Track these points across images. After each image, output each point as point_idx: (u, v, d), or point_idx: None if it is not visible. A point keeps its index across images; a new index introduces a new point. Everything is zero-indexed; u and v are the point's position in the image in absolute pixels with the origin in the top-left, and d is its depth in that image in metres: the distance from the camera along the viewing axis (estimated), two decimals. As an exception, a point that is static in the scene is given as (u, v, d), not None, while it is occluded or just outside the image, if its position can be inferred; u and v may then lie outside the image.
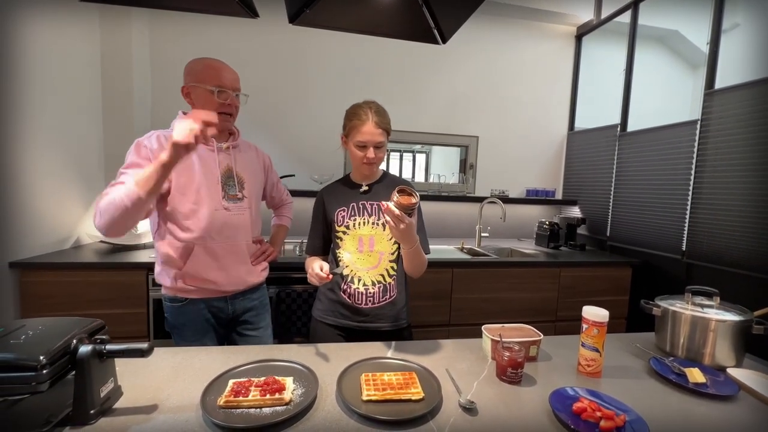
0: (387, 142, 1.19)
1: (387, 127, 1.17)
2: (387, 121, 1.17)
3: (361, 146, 1.16)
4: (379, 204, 1.20)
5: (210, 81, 1.16)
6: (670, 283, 2.17)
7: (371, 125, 1.13)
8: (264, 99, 2.51)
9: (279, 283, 1.86)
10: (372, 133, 1.14)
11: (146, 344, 0.74)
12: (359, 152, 1.17)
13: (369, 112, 1.15)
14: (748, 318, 1.01)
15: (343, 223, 1.20)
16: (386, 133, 1.17)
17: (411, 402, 0.79)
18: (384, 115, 1.17)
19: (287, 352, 1.02)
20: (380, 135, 1.15)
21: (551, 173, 3.09)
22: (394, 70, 2.70)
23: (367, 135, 1.14)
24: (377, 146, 1.16)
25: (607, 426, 0.72)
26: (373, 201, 1.22)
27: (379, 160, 1.19)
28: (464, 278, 2.08)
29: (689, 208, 2.03)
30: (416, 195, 0.98)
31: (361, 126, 1.14)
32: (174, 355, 0.98)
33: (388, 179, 1.29)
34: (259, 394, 0.76)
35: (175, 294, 1.20)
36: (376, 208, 1.21)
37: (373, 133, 1.14)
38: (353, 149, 1.18)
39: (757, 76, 1.74)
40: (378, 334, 1.20)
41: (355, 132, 1.15)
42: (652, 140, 2.29)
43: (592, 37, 2.92)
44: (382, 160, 1.21)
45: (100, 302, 1.68)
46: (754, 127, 1.74)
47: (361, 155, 1.17)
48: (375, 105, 1.18)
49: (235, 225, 1.23)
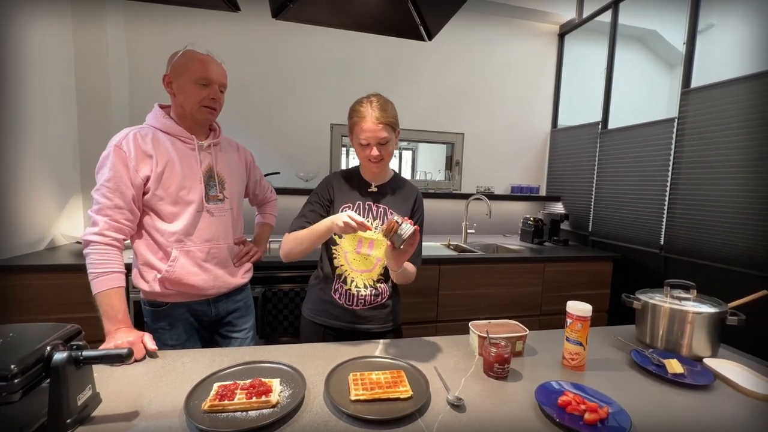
0: (395, 137, 1.14)
1: (391, 121, 1.10)
2: (390, 115, 1.10)
3: (363, 144, 1.11)
4: (385, 208, 1.18)
5: (195, 73, 1.10)
6: (649, 276, 2.24)
7: (372, 121, 1.07)
8: (247, 95, 2.46)
9: (265, 283, 1.83)
10: (373, 130, 1.07)
11: (125, 349, 0.71)
12: (362, 151, 1.12)
13: (369, 107, 1.08)
14: (724, 310, 1.04)
15: None
16: (391, 128, 1.10)
17: (399, 400, 0.79)
18: (386, 109, 1.09)
19: (274, 353, 1.01)
20: (382, 131, 1.08)
21: (535, 170, 3.14)
22: (380, 66, 2.68)
23: (368, 132, 1.08)
24: (381, 143, 1.10)
25: (591, 418, 0.74)
26: (380, 204, 1.19)
27: (386, 158, 1.13)
28: (451, 275, 2.09)
29: (667, 203, 2.10)
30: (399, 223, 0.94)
31: (362, 123, 1.08)
32: (156, 360, 0.95)
33: (398, 183, 1.25)
34: (245, 397, 0.74)
35: (154, 298, 1.15)
36: (382, 211, 1.18)
37: (374, 130, 1.07)
38: (357, 147, 1.14)
39: (731, 75, 1.80)
40: (368, 335, 1.19)
41: (357, 129, 1.10)
42: (631, 138, 2.35)
43: (575, 35, 2.97)
44: (390, 157, 1.15)
45: (77, 305, 1.62)
46: (727, 124, 1.80)
47: (365, 153, 1.12)
48: (377, 98, 1.11)
49: (216, 227, 1.19)
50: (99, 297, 1.00)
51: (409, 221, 0.94)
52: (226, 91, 1.21)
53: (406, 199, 1.22)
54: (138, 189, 1.07)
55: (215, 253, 1.20)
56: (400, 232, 0.92)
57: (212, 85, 1.13)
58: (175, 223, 1.12)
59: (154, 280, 1.12)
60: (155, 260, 1.12)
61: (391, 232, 0.93)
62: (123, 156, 1.05)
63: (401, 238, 0.92)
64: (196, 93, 1.11)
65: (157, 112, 1.16)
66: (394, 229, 0.92)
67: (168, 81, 1.13)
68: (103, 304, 1.00)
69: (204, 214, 1.17)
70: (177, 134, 1.14)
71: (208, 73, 1.11)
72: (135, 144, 1.07)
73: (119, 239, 1.06)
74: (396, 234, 0.92)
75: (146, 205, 1.11)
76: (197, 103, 1.12)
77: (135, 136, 1.08)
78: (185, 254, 1.14)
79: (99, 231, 1.02)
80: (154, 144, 1.10)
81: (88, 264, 1.02)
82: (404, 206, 1.21)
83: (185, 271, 1.13)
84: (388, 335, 1.23)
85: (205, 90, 1.11)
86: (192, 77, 1.10)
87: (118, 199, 1.04)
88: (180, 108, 1.14)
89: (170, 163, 1.11)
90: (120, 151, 1.05)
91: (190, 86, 1.10)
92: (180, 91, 1.12)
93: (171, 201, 1.11)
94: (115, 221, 1.05)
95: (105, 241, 1.03)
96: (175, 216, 1.12)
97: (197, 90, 1.11)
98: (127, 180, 1.05)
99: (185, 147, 1.16)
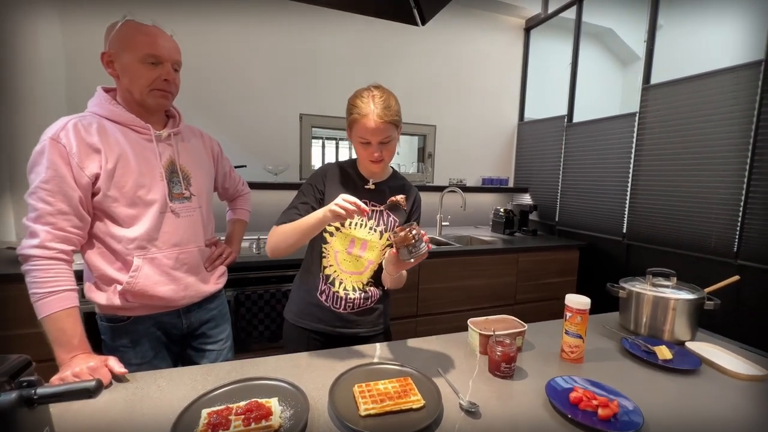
0: (398, 135, 1.04)
1: (394, 119, 0.99)
2: (394, 112, 0.99)
3: (364, 143, 1.01)
4: (381, 208, 1.10)
5: (141, 49, 0.92)
6: (613, 262, 2.37)
7: (373, 119, 0.96)
8: (208, 81, 2.25)
9: (236, 286, 1.69)
10: (374, 129, 0.97)
11: (93, 381, 0.59)
12: (363, 150, 1.02)
13: (371, 102, 0.98)
14: (702, 296, 1.10)
15: None
16: (394, 126, 1.01)
17: (412, 411, 0.74)
18: (390, 105, 0.99)
19: (263, 366, 0.91)
20: (385, 130, 0.98)
21: (504, 162, 3.20)
22: (350, 56, 2.57)
23: (369, 132, 0.97)
24: (383, 142, 1.00)
25: (604, 414, 0.74)
26: (377, 202, 1.10)
27: (387, 158, 1.04)
28: (431, 269, 2.07)
29: (629, 193, 2.22)
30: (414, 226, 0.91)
31: (362, 120, 0.97)
32: (125, 384, 0.82)
33: (396, 181, 1.17)
34: (242, 424, 0.65)
35: (113, 312, 0.99)
36: (378, 212, 1.10)
37: (375, 130, 0.97)
38: (356, 144, 1.04)
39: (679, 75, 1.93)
40: (356, 339, 1.12)
41: (357, 127, 0.99)
42: (596, 131, 2.45)
43: (540, 30, 3.03)
44: (391, 157, 1.06)
45: (18, 321, 1.39)
46: (683, 119, 1.93)
47: (366, 153, 1.02)
48: (379, 92, 1.00)
49: (184, 229, 1.04)
50: (46, 321, 0.83)
51: (425, 238, 0.90)
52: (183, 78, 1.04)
53: (406, 199, 1.16)
54: (85, 190, 0.90)
55: (185, 259, 1.06)
56: (412, 249, 0.88)
57: (163, 63, 0.95)
58: (134, 228, 0.96)
59: (113, 293, 0.96)
60: (113, 271, 0.96)
61: (403, 243, 0.88)
62: (62, 151, 0.87)
63: (410, 254, 0.88)
64: (144, 74, 0.94)
65: (102, 97, 0.97)
66: (408, 243, 0.88)
67: (108, 60, 0.95)
68: (52, 330, 0.83)
69: (168, 215, 1.02)
70: (128, 123, 0.97)
71: (156, 48, 0.94)
72: (77, 136, 0.89)
73: (66, 251, 0.89)
74: (406, 248, 0.88)
75: (97, 209, 0.94)
76: (147, 86, 0.95)
77: (76, 126, 0.90)
78: (149, 262, 0.98)
79: (40, 243, 0.85)
80: (101, 135, 0.92)
81: (30, 283, 0.84)
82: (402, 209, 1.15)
83: (150, 281, 0.98)
84: (378, 338, 1.18)
85: (154, 70, 0.94)
86: (137, 55, 0.92)
87: (61, 204, 0.87)
88: (127, 93, 0.97)
89: (123, 158, 0.94)
90: (58, 145, 0.87)
91: (135, 66, 0.93)
92: (124, 72, 0.94)
93: (127, 202, 0.95)
94: (60, 230, 0.87)
95: (49, 255, 0.86)
96: (133, 219, 0.96)
97: (145, 70, 0.93)
98: (70, 179, 0.87)
99: (140, 138, 0.99)
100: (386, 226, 1.10)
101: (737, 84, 1.72)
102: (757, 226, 1.66)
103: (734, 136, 1.73)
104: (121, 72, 0.95)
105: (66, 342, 0.84)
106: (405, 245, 0.88)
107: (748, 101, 1.68)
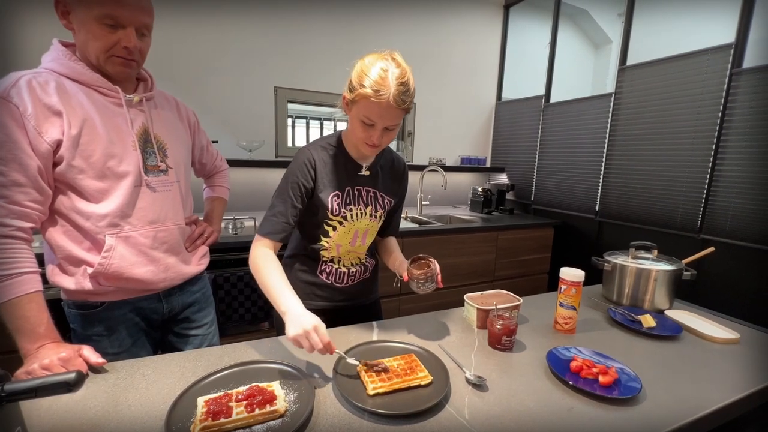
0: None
1: (409, 106, 0.86)
2: (411, 98, 0.86)
3: (367, 124, 0.86)
4: (375, 192, 1.03)
5: (98, 5, 0.76)
6: (585, 239, 2.47)
7: (389, 103, 0.81)
8: (175, 51, 2.05)
9: (214, 267, 1.60)
10: (386, 115, 0.84)
11: (74, 373, 0.52)
12: (362, 131, 0.87)
13: (389, 79, 0.81)
14: (680, 267, 1.16)
15: (339, 213, 0.98)
16: (405, 113, 0.88)
17: (420, 388, 0.72)
18: (409, 90, 0.84)
19: (258, 349, 0.86)
20: (397, 116, 0.85)
21: (481, 142, 3.22)
22: (328, 30, 2.42)
23: (377, 114, 0.83)
24: (389, 128, 0.87)
25: (605, 381, 0.76)
26: (371, 188, 1.02)
27: (385, 145, 0.93)
28: (412, 247, 2.06)
29: (602, 173, 2.30)
30: (432, 261, 0.95)
31: (374, 98, 0.81)
32: (104, 375, 0.74)
33: (386, 157, 1.07)
34: (245, 410, 0.61)
35: (84, 298, 0.89)
36: (372, 196, 1.02)
37: (387, 116, 0.84)
38: (355, 122, 0.88)
39: (648, 57, 1.99)
40: (357, 309, 1.13)
41: (365, 103, 0.83)
42: (572, 111, 2.50)
43: (519, 8, 3.01)
44: (388, 144, 0.96)
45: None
46: (656, 100, 2.00)
47: (365, 135, 0.88)
48: (399, 70, 0.83)
49: (161, 205, 0.94)
50: (5, 308, 0.72)
51: (438, 276, 0.93)
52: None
53: (398, 179, 1.11)
54: (45, 158, 0.77)
55: (164, 238, 0.96)
56: (422, 286, 0.93)
57: (125, 27, 0.80)
58: (105, 203, 0.85)
59: (83, 276, 0.86)
60: (81, 252, 0.86)
61: (418, 278, 0.92)
62: (14, 112, 0.74)
63: (418, 288, 0.94)
64: (100, 36, 0.79)
65: (60, 51, 0.83)
66: (420, 280, 0.92)
67: (62, 10, 0.79)
68: (13, 318, 0.73)
69: (143, 189, 0.91)
70: (93, 84, 0.84)
71: (116, 7, 0.77)
72: (31, 95, 0.75)
73: (24, 228, 0.77)
74: (416, 282, 0.93)
75: (60, 181, 0.82)
76: (103, 51, 0.80)
77: (30, 83, 0.76)
78: (124, 241, 0.88)
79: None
80: (61, 96, 0.79)
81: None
82: (396, 188, 1.10)
83: (126, 262, 0.88)
84: (375, 306, 1.20)
85: (113, 34, 0.79)
86: (93, 12, 0.76)
87: (16, 174, 0.74)
88: (83, 53, 0.84)
89: (89, 123, 0.82)
90: (8, 105, 0.73)
91: (91, 24, 0.78)
92: (81, 31, 0.80)
93: (96, 174, 0.83)
94: (16, 204, 0.75)
95: (4, 233, 0.74)
96: (103, 194, 0.85)
97: (101, 32, 0.78)
98: (26, 146, 0.75)
99: (108, 102, 0.86)
100: (384, 209, 1.06)
101: (708, 66, 1.79)
102: (720, 202, 1.77)
103: (703, 117, 1.82)
104: (77, 29, 0.81)
105: (30, 331, 0.74)
106: (418, 279, 0.93)
107: (717, 83, 1.76)
